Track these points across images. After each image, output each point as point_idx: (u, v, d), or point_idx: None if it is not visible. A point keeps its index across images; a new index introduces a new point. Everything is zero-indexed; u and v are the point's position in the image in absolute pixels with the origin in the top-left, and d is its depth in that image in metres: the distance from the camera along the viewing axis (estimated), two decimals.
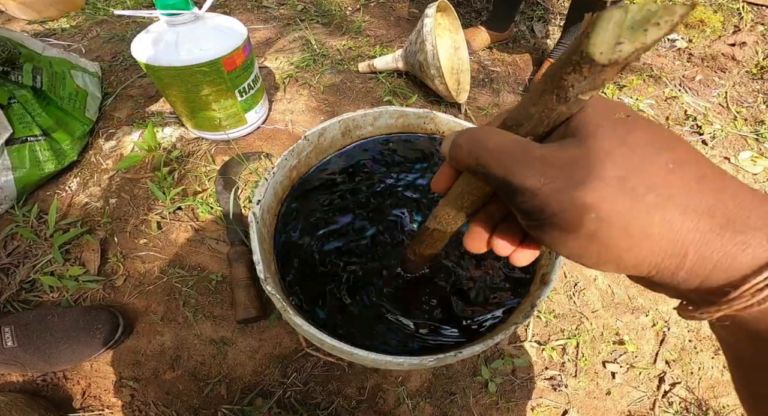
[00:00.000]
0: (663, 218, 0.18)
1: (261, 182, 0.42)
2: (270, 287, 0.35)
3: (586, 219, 0.19)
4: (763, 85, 1.30)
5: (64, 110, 0.86)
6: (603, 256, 0.20)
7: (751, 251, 0.17)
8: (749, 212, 0.18)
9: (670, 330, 0.83)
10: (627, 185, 0.18)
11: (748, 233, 0.17)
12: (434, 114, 0.53)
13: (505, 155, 0.21)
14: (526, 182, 0.20)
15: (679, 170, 0.18)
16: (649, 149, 0.19)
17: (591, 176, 0.18)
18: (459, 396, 0.74)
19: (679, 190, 0.18)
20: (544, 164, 0.20)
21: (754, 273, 0.17)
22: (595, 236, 0.19)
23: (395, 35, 1.36)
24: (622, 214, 0.18)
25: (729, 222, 0.18)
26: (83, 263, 0.78)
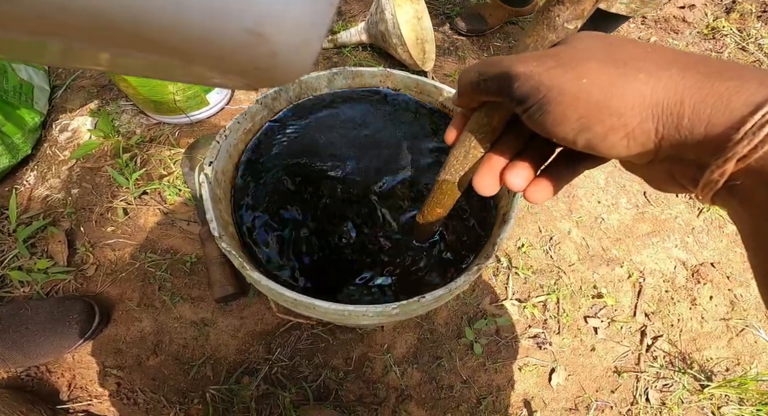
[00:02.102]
0: (650, 74, 0.19)
1: (213, 145, 0.42)
2: (225, 244, 0.34)
3: (580, 86, 0.19)
4: (715, 44, 1.33)
5: (10, 104, 0.82)
6: (605, 121, 0.19)
7: (745, 92, 0.17)
8: (736, 67, 0.18)
9: (646, 281, 0.85)
10: (610, 58, 0.20)
11: (740, 80, 0.18)
12: (390, 71, 0.52)
13: (501, 59, 0.23)
14: (520, 68, 0.21)
15: (657, 51, 0.20)
16: (628, 41, 0.21)
17: (577, 54, 0.20)
18: (445, 359, 0.75)
19: (662, 58, 0.19)
20: (536, 56, 0.22)
21: (751, 113, 0.17)
22: (589, 101, 0.19)
23: (358, 10, 1.33)
24: (612, 76, 0.19)
25: (718, 72, 0.18)
26: (51, 255, 0.76)
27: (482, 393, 0.72)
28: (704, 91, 0.18)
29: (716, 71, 0.18)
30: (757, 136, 0.17)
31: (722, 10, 1.41)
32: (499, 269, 0.83)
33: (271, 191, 0.46)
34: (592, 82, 0.19)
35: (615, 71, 0.19)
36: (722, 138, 0.18)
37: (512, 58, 0.22)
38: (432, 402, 0.71)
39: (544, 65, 0.20)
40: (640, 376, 0.76)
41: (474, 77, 0.24)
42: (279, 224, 0.44)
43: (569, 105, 0.20)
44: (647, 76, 0.19)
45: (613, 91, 0.19)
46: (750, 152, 0.17)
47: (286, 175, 0.47)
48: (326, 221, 0.45)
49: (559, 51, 0.21)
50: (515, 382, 0.74)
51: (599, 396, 0.74)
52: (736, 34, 1.34)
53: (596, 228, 0.90)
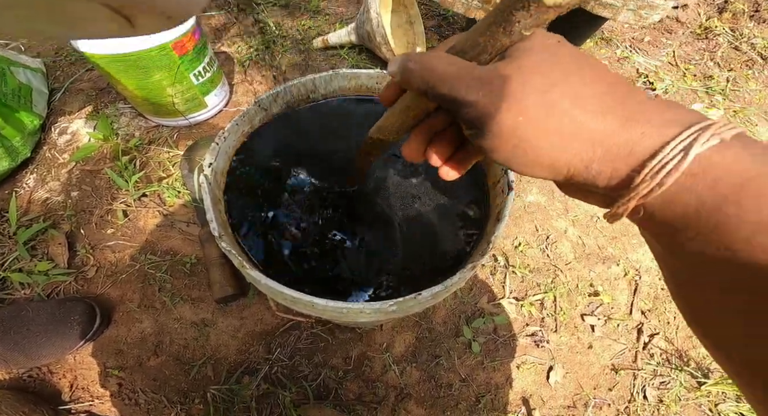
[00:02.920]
0: (574, 119, 0.21)
1: (212, 146, 0.42)
2: (225, 244, 0.35)
3: (516, 123, 0.22)
4: (708, 44, 1.35)
5: (9, 107, 0.83)
6: (528, 156, 0.23)
7: (648, 140, 0.20)
8: (649, 111, 0.21)
9: (642, 279, 0.86)
10: (546, 97, 0.22)
11: (647, 126, 0.20)
12: (386, 73, 0.53)
13: (451, 78, 0.24)
14: (468, 96, 0.23)
15: (592, 85, 0.22)
16: (569, 68, 0.22)
17: (519, 88, 0.22)
18: (444, 358, 0.75)
19: (591, 99, 0.22)
20: (483, 81, 0.23)
21: (650, 157, 0.20)
22: (522, 137, 0.22)
23: (354, 12, 1.34)
24: (542, 119, 0.22)
25: (630, 118, 0.21)
26: (51, 257, 0.77)
27: (481, 392, 0.73)
28: (614, 139, 0.21)
29: (631, 115, 0.21)
30: (654, 179, 0.20)
31: (715, 10, 1.42)
32: (497, 268, 0.84)
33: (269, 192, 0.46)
34: (526, 122, 0.22)
35: (547, 114, 0.22)
36: (625, 180, 0.21)
37: (463, 77, 0.24)
38: (431, 401, 0.72)
39: (490, 96, 0.22)
40: (637, 374, 0.77)
41: (421, 86, 0.25)
42: (277, 225, 0.45)
43: (504, 139, 0.23)
44: (572, 121, 0.21)
45: (541, 134, 0.22)
46: (648, 193, 0.20)
47: (284, 176, 0.48)
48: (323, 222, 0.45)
49: (507, 74, 0.22)
50: (513, 380, 0.75)
51: (597, 394, 0.75)
52: (728, 34, 1.35)
53: (592, 227, 0.91)
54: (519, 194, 0.94)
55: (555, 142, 0.22)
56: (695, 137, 0.19)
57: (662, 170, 0.19)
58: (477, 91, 0.23)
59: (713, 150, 0.19)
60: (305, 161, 0.50)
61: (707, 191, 0.19)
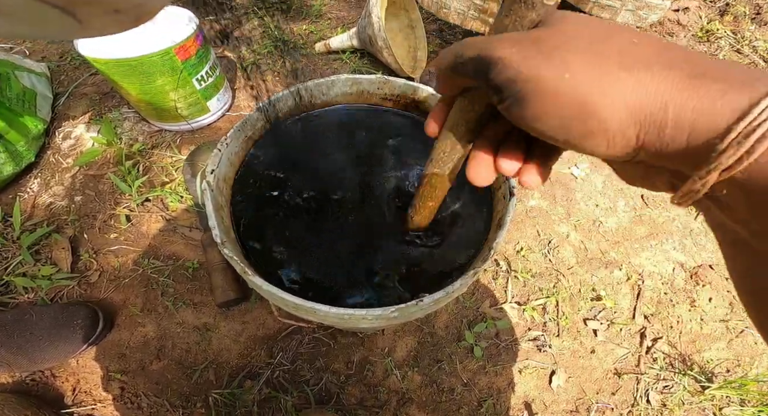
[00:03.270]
0: (631, 74, 0.18)
1: (214, 153, 0.42)
2: (228, 250, 0.35)
3: (560, 83, 0.18)
4: (710, 47, 1.35)
5: (14, 111, 0.83)
6: (586, 122, 0.18)
7: (730, 98, 0.16)
8: (722, 66, 0.17)
9: (645, 284, 0.86)
10: (593, 49, 0.18)
11: (724, 82, 0.17)
12: (387, 78, 0.53)
13: (479, 41, 0.21)
14: (497, 52, 0.20)
15: (642, 44, 0.19)
16: (613, 28, 0.19)
17: (559, 43, 0.19)
18: (446, 362, 0.75)
19: (645, 54, 0.18)
20: (515, 40, 0.20)
21: (737, 120, 0.16)
22: (570, 98, 0.18)
23: (356, 16, 1.35)
24: (595, 74, 0.18)
25: (702, 73, 0.17)
26: (54, 262, 0.77)
27: (483, 396, 0.73)
28: (687, 95, 0.17)
29: (701, 72, 0.17)
30: (742, 146, 0.16)
31: (716, 13, 1.42)
32: (499, 273, 0.84)
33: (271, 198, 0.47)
34: (573, 79, 0.18)
35: (598, 68, 0.18)
36: (705, 148, 0.17)
37: (491, 39, 0.21)
38: (433, 405, 0.72)
39: (524, 52, 0.19)
40: (640, 378, 0.76)
41: (451, 59, 0.23)
42: (280, 231, 0.45)
43: (549, 102, 0.19)
44: (630, 75, 0.18)
45: (595, 92, 0.18)
46: (735, 164, 0.16)
47: (285, 181, 0.48)
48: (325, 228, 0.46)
49: (542, 35, 0.19)
50: (515, 385, 0.74)
51: (600, 398, 0.75)
52: (730, 37, 1.35)
53: (594, 231, 0.91)
54: (521, 198, 0.94)
55: (618, 101, 0.18)
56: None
57: (752, 134, 0.15)
58: (509, 48, 0.19)
59: None
60: (306, 166, 0.50)
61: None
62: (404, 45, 1.18)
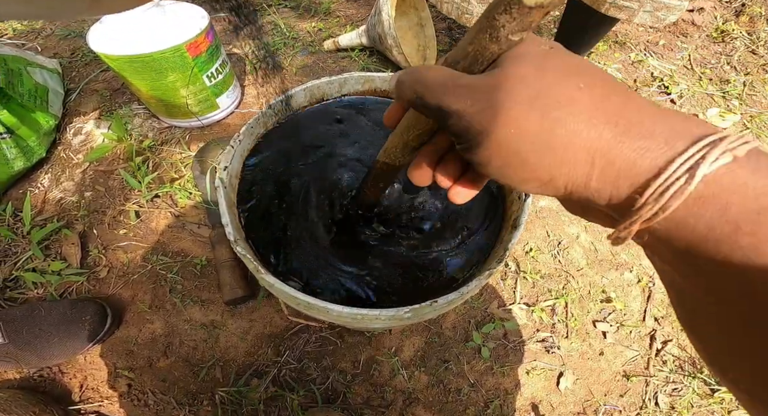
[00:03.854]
0: (568, 130, 0.19)
1: (227, 149, 0.42)
2: (240, 248, 0.35)
3: (506, 134, 0.20)
4: (724, 47, 1.33)
5: (26, 107, 0.84)
6: (522, 171, 0.21)
7: (650, 156, 0.18)
8: (651, 121, 0.19)
9: (656, 286, 0.85)
10: (537, 104, 0.20)
11: (649, 139, 0.18)
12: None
13: (438, 86, 0.22)
14: (453, 105, 0.22)
15: (587, 90, 0.20)
16: (562, 73, 0.21)
17: (507, 97, 0.20)
18: (453, 363, 0.75)
19: (586, 106, 0.20)
20: (470, 90, 0.21)
21: (654, 177, 0.18)
22: (513, 150, 0.21)
23: (365, 14, 1.34)
24: (532, 129, 0.20)
25: (630, 129, 0.19)
26: (64, 257, 0.78)
27: (490, 397, 0.72)
28: (614, 154, 0.19)
29: (631, 127, 0.19)
30: (658, 202, 0.17)
31: (731, 13, 1.40)
32: (507, 274, 0.83)
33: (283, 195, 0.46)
34: (516, 133, 0.20)
35: (538, 123, 0.20)
36: (627, 202, 0.19)
37: (450, 87, 0.22)
38: (439, 406, 0.71)
39: (477, 105, 0.21)
40: (649, 380, 0.75)
41: (411, 96, 0.24)
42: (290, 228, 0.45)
43: (493, 152, 0.21)
44: (566, 132, 0.19)
45: (533, 146, 0.20)
46: (652, 217, 0.18)
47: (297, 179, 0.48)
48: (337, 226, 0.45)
49: (494, 83, 0.21)
50: (523, 386, 0.74)
51: (608, 400, 0.74)
52: (745, 37, 1.34)
53: (605, 233, 0.90)
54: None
55: (549, 155, 0.20)
56: (703, 154, 0.17)
57: (666, 192, 0.17)
58: (464, 100, 0.21)
59: (724, 170, 0.17)
60: (319, 163, 0.50)
61: (717, 218, 0.17)
62: (413, 43, 1.17)
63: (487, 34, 0.21)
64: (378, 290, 0.43)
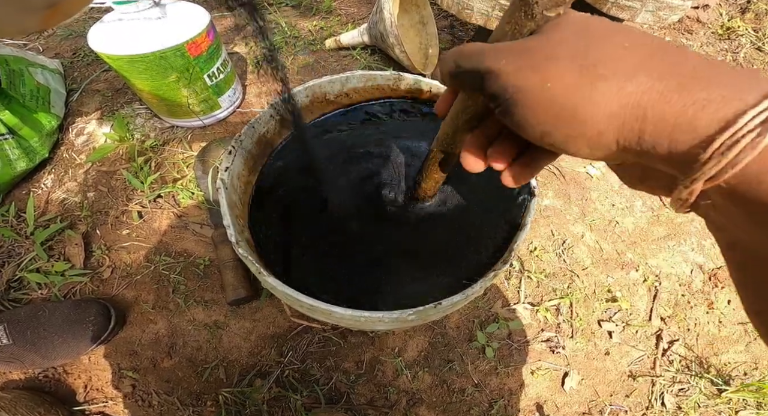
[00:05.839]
0: (613, 84, 0.18)
1: (228, 150, 0.42)
2: (242, 250, 0.35)
3: (544, 91, 0.19)
4: (730, 44, 1.31)
5: (28, 107, 0.84)
6: (566, 128, 0.20)
7: (714, 108, 0.16)
8: (715, 74, 0.17)
9: (662, 285, 0.84)
10: (577, 59, 0.19)
11: (712, 89, 0.17)
12: (401, 74, 0.52)
13: (475, 52, 0.23)
14: (490, 64, 0.21)
15: (634, 48, 0.19)
16: (605, 33, 0.20)
17: (546, 55, 0.20)
18: (457, 363, 0.74)
19: (633, 61, 0.19)
20: (507, 51, 0.21)
21: (720, 130, 0.16)
22: (555, 105, 0.19)
23: (367, 12, 1.33)
24: (574, 82, 0.19)
25: (687, 82, 0.17)
26: (68, 258, 0.78)
27: (494, 397, 0.72)
28: (668, 105, 0.17)
29: (686, 80, 0.17)
30: (725, 156, 0.16)
31: (737, 10, 1.39)
32: (511, 273, 0.83)
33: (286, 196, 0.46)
34: (555, 88, 0.19)
35: (580, 76, 0.19)
36: (688, 157, 0.17)
37: (486, 50, 0.22)
38: (443, 406, 0.71)
39: (513, 63, 0.20)
40: (655, 380, 0.75)
41: (451, 67, 0.24)
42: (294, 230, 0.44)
43: (532, 109, 0.20)
44: (611, 85, 0.18)
45: (575, 99, 0.19)
46: (719, 173, 0.16)
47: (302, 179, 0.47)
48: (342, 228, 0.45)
49: (533, 45, 0.21)
50: (527, 386, 0.73)
51: (613, 401, 0.73)
52: (751, 34, 1.32)
53: (610, 232, 0.89)
54: None
55: (596, 108, 0.19)
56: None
57: (735, 145, 0.15)
58: (500, 60, 0.21)
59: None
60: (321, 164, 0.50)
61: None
62: (415, 41, 1.16)
63: (522, 13, 0.21)
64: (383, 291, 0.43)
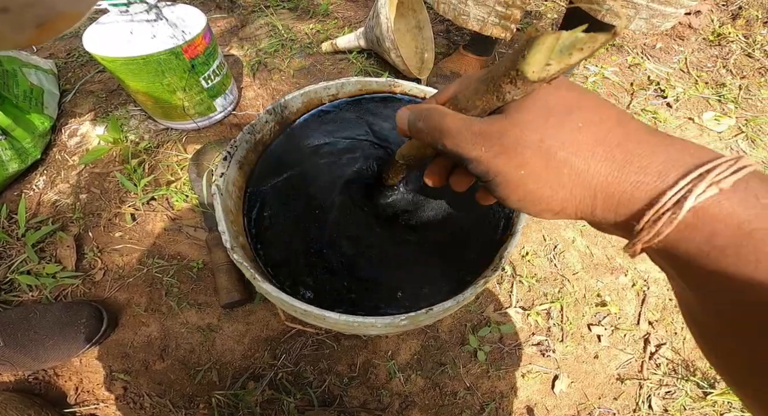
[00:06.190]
0: (572, 169, 0.22)
1: (223, 156, 0.42)
2: (237, 256, 0.35)
3: (519, 176, 0.24)
4: (721, 51, 1.33)
5: (20, 108, 0.83)
6: (537, 205, 0.24)
7: (644, 188, 0.21)
8: (649, 152, 0.21)
9: (650, 290, 0.85)
10: (543, 147, 0.23)
11: (643, 173, 0.21)
12: (396, 81, 0.53)
13: (455, 135, 0.26)
14: (471, 153, 0.25)
15: (586, 129, 0.23)
16: (562, 113, 0.23)
17: (517, 142, 0.23)
18: (449, 366, 0.75)
19: (587, 144, 0.22)
20: (483, 138, 0.24)
21: (646, 207, 0.21)
22: (527, 188, 0.24)
23: (363, 16, 1.34)
24: (541, 170, 0.23)
25: (626, 164, 0.21)
26: (59, 260, 0.77)
27: (485, 400, 0.73)
28: (613, 188, 0.22)
29: (629, 159, 0.21)
30: (653, 228, 0.20)
31: (728, 17, 1.41)
32: (503, 278, 0.84)
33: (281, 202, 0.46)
34: (528, 174, 0.23)
35: (545, 166, 0.23)
36: (628, 227, 0.22)
37: (464, 133, 0.25)
38: (435, 409, 0.71)
39: (491, 151, 0.24)
40: (643, 383, 0.76)
41: (430, 141, 0.27)
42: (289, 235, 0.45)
43: (511, 190, 0.24)
44: (570, 171, 0.22)
45: (543, 185, 0.23)
46: (650, 239, 0.21)
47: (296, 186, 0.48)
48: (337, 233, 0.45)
49: (502, 129, 0.24)
50: (518, 389, 0.74)
51: (602, 403, 0.74)
52: (742, 41, 1.34)
53: (600, 237, 0.91)
54: None
55: (558, 191, 0.23)
56: (690, 188, 0.19)
57: (659, 221, 0.20)
58: (479, 147, 0.24)
59: (711, 201, 0.19)
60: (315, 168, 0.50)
61: (705, 243, 0.19)
62: (411, 46, 1.17)
63: (494, 96, 0.24)
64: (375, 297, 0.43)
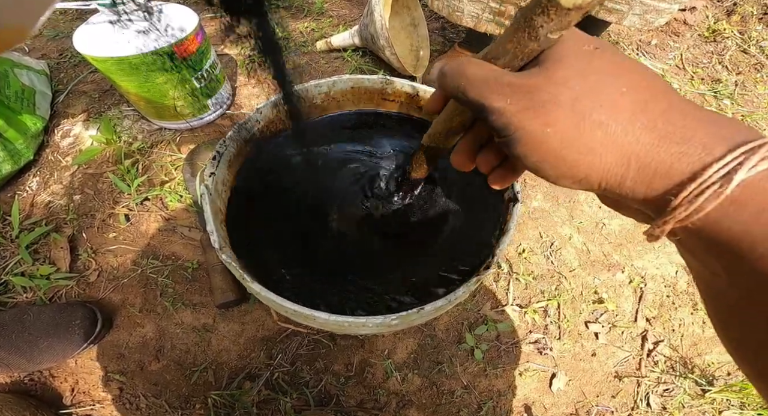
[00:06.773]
0: (606, 133, 0.20)
1: (213, 155, 0.42)
2: (225, 256, 0.35)
3: (543, 135, 0.21)
4: (716, 47, 1.33)
5: (12, 109, 0.83)
6: (558, 168, 0.22)
7: (687, 160, 0.19)
8: (693, 126, 0.19)
9: (647, 286, 0.85)
10: (578, 106, 0.21)
11: (687, 144, 0.19)
12: (390, 79, 0.53)
13: (480, 82, 0.23)
14: (495, 103, 0.22)
15: (630, 93, 0.21)
16: (606, 76, 0.21)
17: (549, 98, 0.21)
18: (446, 365, 0.75)
19: (627, 110, 0.20)
20: (511, 89, 0.22)
21: (689, 180, 0.18)
22: (550, 149, 0.21)
23: (358, 14, 1.33)
24: (571, 130, 0.21)
25: (669, 134, 0.19)
26: (53, 261, 0.77)
27: (483, 399, 0.72)
28: (650, 157, 0.20)
29: (671, 130, 0.19)
30: (693, 204, 0.18)
31: (723, 13, 1.41)
32: (500, 275, 0.83)
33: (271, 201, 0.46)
34: (554, 133, 0.21)
35: (576, 126, 0.21)
36: (661, 202, 0.20)
37: (491, 83, 0.23)
38: (433, 408, 0.71)
39: (517, 104, 0.22)
40: (641, 381, 0.76)
41: (454, 89, 0.25)
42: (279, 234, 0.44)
43: (531, 148, 0.22)
44: (604, 135, 0.20)
45: (570, 146, 0.21)
46: (687, 217, 0.19)
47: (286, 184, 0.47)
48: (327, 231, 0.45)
49: (536, 84, 0.22)
50: (516, 387, 0.74)
51: (600, 401, 0.74)
52: (737, 37, 1.34)
53: (597, 233, 0.90)
54: (523, 199, 0.93)
55: (585, 155, 0.21)
56: (741, 160, 0.17)
57: (702, 195, 0.18)
58: (505, 99, 0.22)
59: (762, 175, 0.17)
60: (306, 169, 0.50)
61: (753, 221, 0.17)
62: (406, 43, 1.16)
63: (526, 34, 0.21)
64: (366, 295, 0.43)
